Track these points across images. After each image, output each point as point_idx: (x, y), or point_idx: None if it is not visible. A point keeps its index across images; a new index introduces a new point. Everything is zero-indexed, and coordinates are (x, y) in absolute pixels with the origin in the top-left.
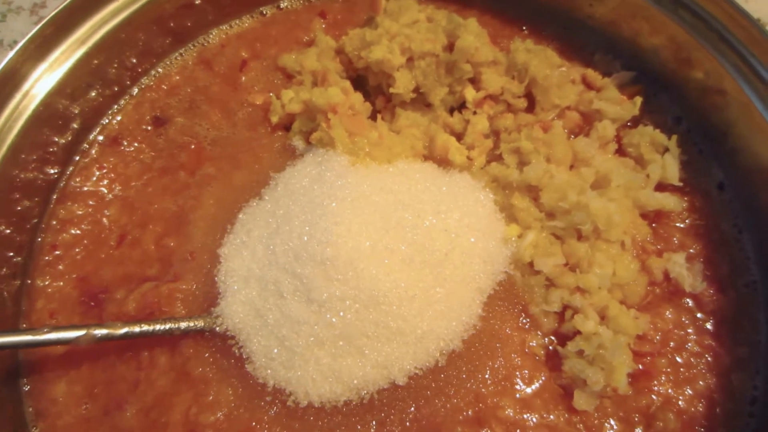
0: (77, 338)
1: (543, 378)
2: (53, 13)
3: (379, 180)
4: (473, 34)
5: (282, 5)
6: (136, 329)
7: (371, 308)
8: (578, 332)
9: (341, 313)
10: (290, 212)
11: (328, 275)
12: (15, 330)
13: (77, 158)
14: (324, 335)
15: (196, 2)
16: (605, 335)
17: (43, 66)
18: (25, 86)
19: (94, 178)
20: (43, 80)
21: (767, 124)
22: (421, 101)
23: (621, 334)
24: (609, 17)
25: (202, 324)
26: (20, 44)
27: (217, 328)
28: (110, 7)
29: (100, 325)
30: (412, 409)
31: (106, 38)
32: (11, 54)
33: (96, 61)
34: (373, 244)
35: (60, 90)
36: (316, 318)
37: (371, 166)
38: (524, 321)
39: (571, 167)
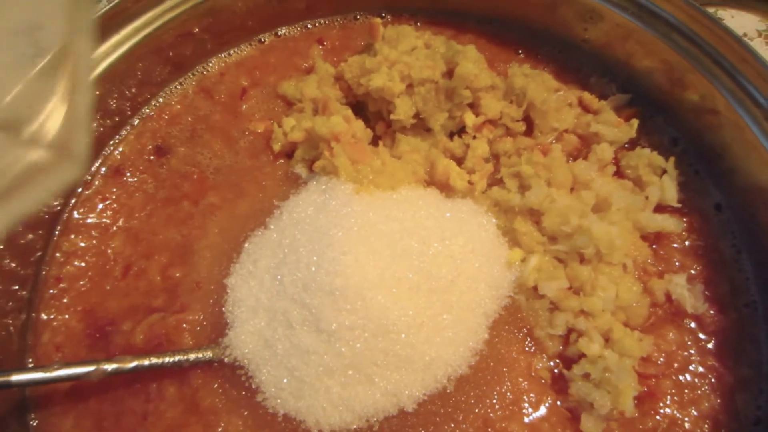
0: (87, 374)
1: (550, 401)
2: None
3: (383, 208)
4: (472, 61)
5: (280, 32)
6: (146, 362)
7: (380, 337)
8: (583, 355)
9: (350, 343)
10: (296, 242)
11: (337, 305)
12: (25, 368)
13: (80, 190)
14: (334, 365)
15: (195, 31)
16: (610, 358)
17: None
18: None
19: (98, 210)
20: None
21: (761, 144)
22: (421, 126)
23: (626, 356)
24: (603, 40)
25: (211, 355)
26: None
27: (226, 359)
28: (111, 41)
29: (110, 360)
30: None
31: (108, 70)
32: None
33: (97, 93)
34: (381, 273)
35: None
36: (325, 348)
37: (375, 194)
38: (530, 345)
39: (572, 190)
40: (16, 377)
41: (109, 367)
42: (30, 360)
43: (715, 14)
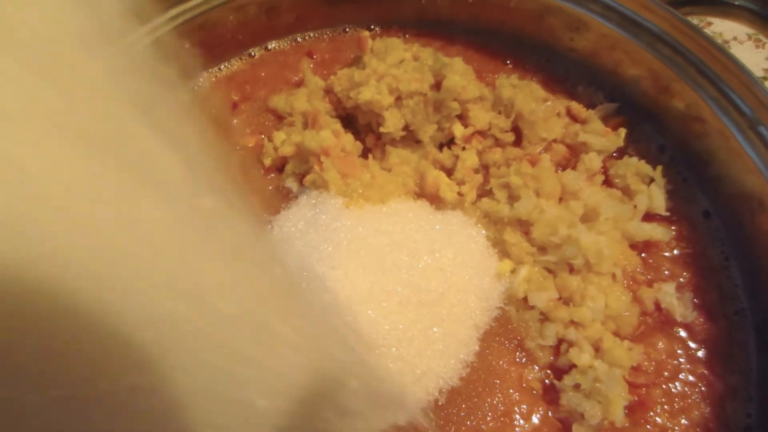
0: None
1: (541, 412)
2: None
3: (373, 222)
4: (459, 74)
5: (270, 46)
6: None
7: (370, 351)
8: (574, 365)
9: None
10: (287, 257)
11: None
12: None
13: None
14: None
15: (185, 47)
16: (600, 368)
17: None
18: None
19: None
20: None
21: (745, 152)
22: (410, 138)
23: (616, 366)
24: (589, 50)
25: None
26: None
27: None
28: None
29: None
30: None
31: None
32: None
33: None
34: (370, 287)
35: None
36: None
37: (365, 207)
38: (520, 356)
39: (560, 200)
40: None
41: None
42: None
43: (704, 19)
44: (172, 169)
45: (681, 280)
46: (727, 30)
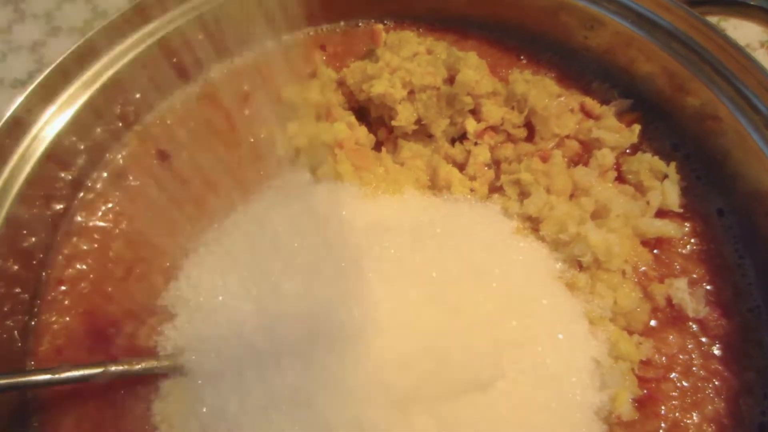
0: (94, 376)
1: None
2: (59, 59)
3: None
4: (473, 68)
5: (282, 38)
6: (155, 364)
7: None
8: None
9: None
10: None
11: None
12: (32, 370)
13: (82, 194)
14: None
15: (198, 38)
16: (607, 362)
17: (51, 110)
18: (34, 130)
19: (100, 213)
20: (52, 123)
21: (761, 151)
22: (423, 132)
23: (622, 360)
24: (604, 47)
25: None
26: (28, 90)
27: None
28: (116, 50)
29: (118, 362)
30: None
31: (113, 77)
32: (20, 99)
33: (102, 100)
34: None
35: (67, 132)
36: None
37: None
38: None
39: (572, 196)
40: (22, 379)
41: (117, 369)
42: (32, 363)
43: (718, 25)
44: None
45: (694, 276)
46: (740, 37)
